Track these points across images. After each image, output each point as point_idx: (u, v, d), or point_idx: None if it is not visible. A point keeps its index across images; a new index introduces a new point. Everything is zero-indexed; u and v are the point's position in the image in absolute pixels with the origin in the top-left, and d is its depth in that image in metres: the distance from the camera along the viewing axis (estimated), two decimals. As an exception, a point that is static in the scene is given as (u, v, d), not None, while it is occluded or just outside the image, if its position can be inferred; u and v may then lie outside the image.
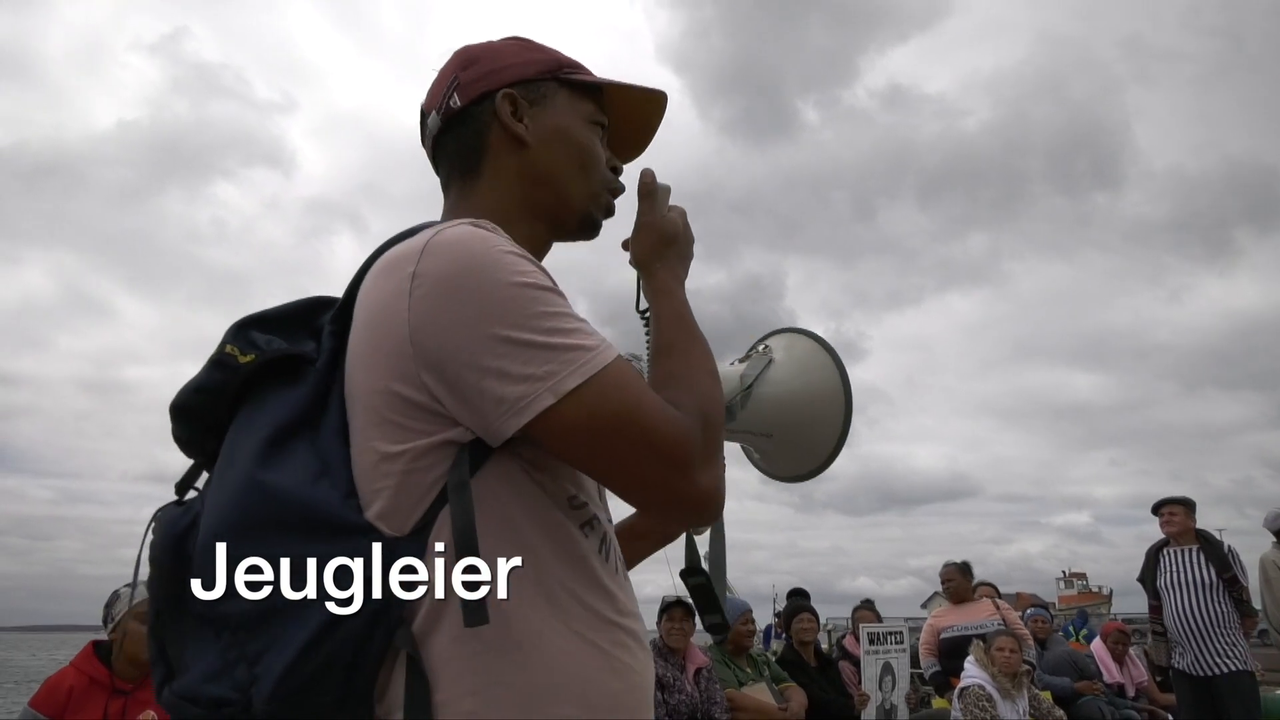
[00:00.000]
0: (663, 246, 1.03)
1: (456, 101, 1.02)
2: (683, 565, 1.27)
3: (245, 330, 0.90)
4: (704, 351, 0.94)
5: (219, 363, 0.88)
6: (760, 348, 1.37)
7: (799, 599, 6.24)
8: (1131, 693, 6.68)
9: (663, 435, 0.81)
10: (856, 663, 5.38)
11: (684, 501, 0.83)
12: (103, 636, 2.96)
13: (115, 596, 2.96)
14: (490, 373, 0.78)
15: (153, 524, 0.85)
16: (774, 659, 5.33)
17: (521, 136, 1.00)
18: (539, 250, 1.03)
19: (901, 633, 5.46)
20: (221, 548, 0.77)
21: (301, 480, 0.80)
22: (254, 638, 0.76)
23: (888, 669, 5.04)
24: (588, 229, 1.06)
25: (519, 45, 1.07)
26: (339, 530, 0.78)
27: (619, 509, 1.19)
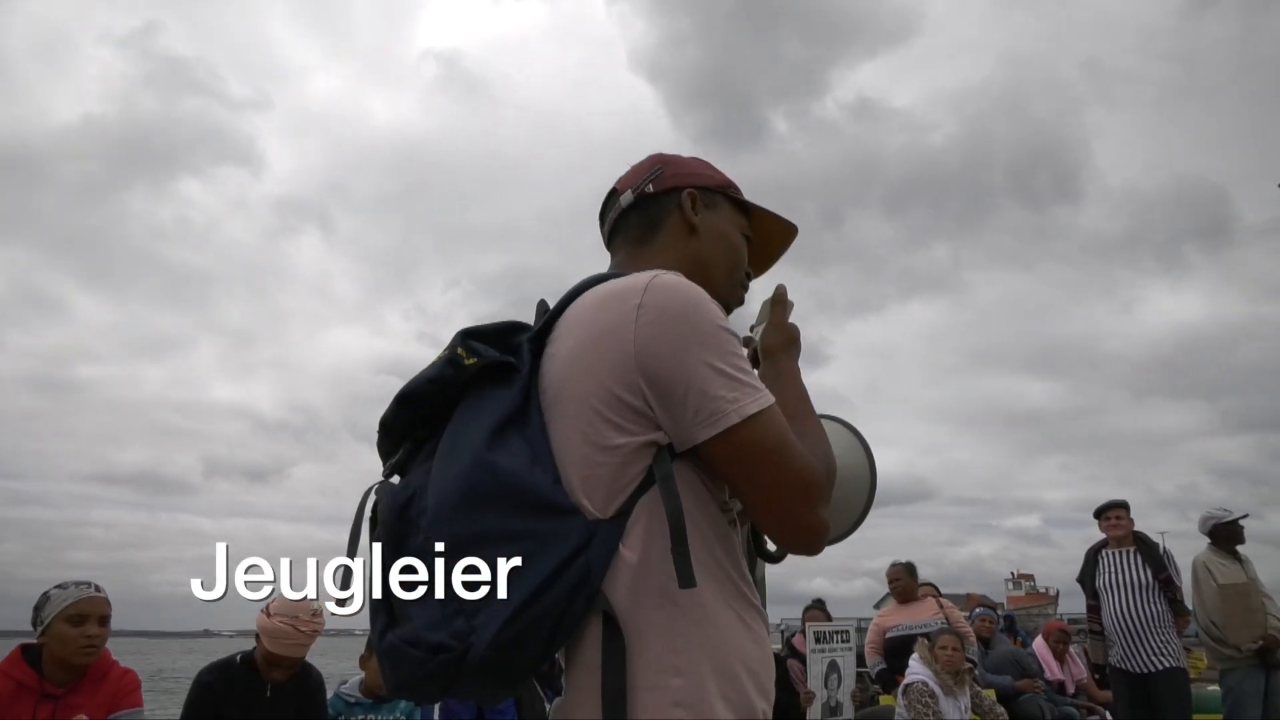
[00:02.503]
0: (789, 344, 1.27)
1: (651, 188, 1.26)
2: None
3: (469, 338, 1.09)
4: (819, 423, 1.15)
5: (451, 361, 1.07)
6: None
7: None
8: (1071, 690, 6.85)
9: (802, 470, 1.01)
10: (805, 661, 5.44)
11: (805, 529, 1.03)
12: (33, 640, 2.88)
13: (45, 598, 2.87)
14: (694, 390, 0.98)
15: (374, 497, 1.04)
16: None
17: (695, 225, 1.24)
18: None
19: (848, 631, 5.54)
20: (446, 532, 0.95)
21: (522, 464, 0.98)
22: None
23: (834, 667, 5.10)
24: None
25: (702, 162, 1.32)
26: (551, 509, 0.96)
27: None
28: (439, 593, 0.93)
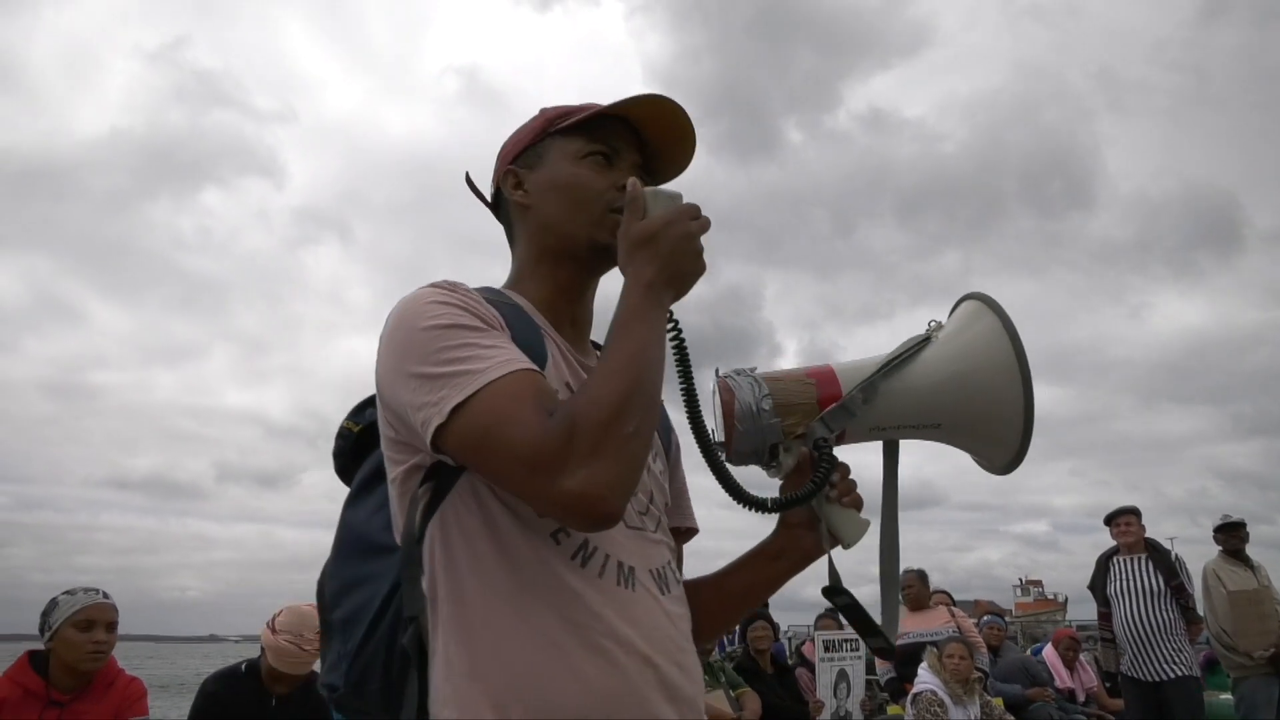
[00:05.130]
0: (634, 251, 1.00)
1: (491, 190, 1.22)
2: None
3: (362, 408, 1.21)
4: (622, 352, 0.93)
5: (338, 434, 1.22)
6: (932, 323, 1.25)
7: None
8: (1081, 698, 6.79)
9: (520, 441, 0.87)
10: (814, 669, 5.41)
11: (549, 504, 0.89)
12: (40, 646, 2.88)
13: (53, 604, 2.87)
14: (409, 405, 0.94)
15: None
16: (730, 666, 5.35)
17: (522, 202, 1.15)
18: (577, 288, 1.15)
19: (857, 640, 5.50)
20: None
21: (366, 515, 1.09)
22: (348, 638, 1.04)
23: (843, 676, 5.07)
24: (602, 254, 1.10)
25: (532, 119, 1.19)
26: (379, 551, 1.05)
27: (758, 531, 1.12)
28: (335, 639, 1.07)
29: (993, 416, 1.19)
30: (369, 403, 1.18)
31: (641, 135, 1.16)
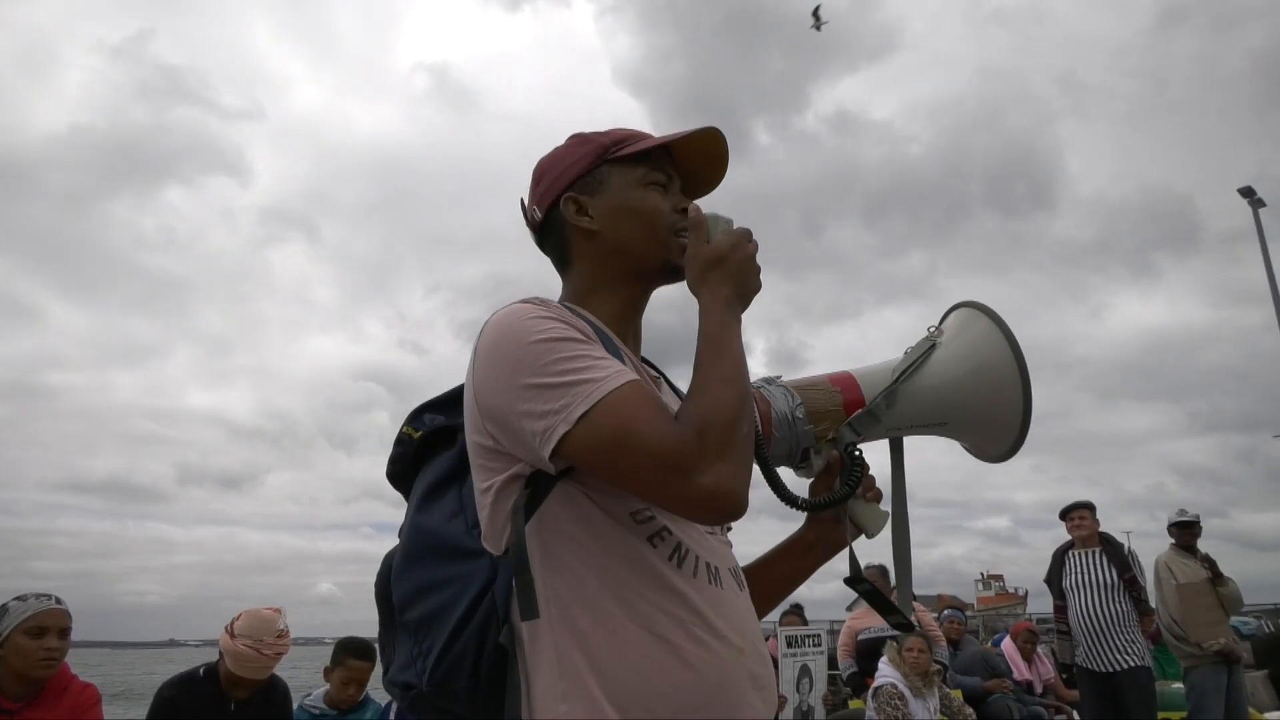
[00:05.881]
0: (706, 271, 1.09)
1: (537, 214, 1.24)
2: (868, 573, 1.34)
3: (420, 413, 1.21)
4: (727, 362, 1.01)
5: (398, 440, 1.21)
6: (930, 328, 1.37)
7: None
8: (1039, 689, 6.92)
9: (656, 444, 0.93)
10: (777, 665, 5.45)
11: (686, 501, 0.95)
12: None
13: (4, 610, 2.79)
14: (524, 415, 0.97)
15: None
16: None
17: (588, 228, 1.19)
18: (639, 305, 1.23)
19: (819, 635, 5.57)
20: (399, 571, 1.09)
21: (442, 519, 1.09)
22: (425, 638, 1.03)
23: (805, 671, 5.13)
24: (672, 273, 1.20)
25: (575, 143, 1.24)
26: (463, 554, 1.05)
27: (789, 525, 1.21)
28: (406, 639, 1.07)
29: (995, 411, 1.31)
30: (426, 408, 1.22)
31: (675, 158, 1.25)
